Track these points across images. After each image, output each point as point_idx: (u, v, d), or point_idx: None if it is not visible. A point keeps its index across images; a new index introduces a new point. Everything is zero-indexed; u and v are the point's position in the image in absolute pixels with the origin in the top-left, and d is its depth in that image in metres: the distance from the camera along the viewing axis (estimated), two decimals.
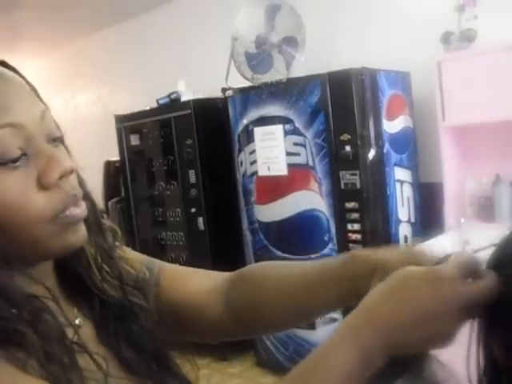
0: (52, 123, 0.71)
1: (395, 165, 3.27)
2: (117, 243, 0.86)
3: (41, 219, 0.65)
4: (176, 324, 0.88)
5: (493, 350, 0.58)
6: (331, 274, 0.83)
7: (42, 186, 0.66)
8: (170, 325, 0.85)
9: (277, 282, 0.91)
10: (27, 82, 0.72)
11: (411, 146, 3.42)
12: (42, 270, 0.72)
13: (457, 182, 3.15)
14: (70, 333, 0.69)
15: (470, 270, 0.63)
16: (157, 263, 0.94)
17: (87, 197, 0.74)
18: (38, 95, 0.72)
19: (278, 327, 1.04)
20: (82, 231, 0.71)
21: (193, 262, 4.07)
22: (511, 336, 0.56)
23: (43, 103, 0.72)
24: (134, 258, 0.89)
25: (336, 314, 3.10)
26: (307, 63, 3.48)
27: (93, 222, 0.77)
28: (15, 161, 0.64)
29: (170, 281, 0.92)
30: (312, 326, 3.22)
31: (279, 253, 3.48)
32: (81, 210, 0.70)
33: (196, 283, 0.94)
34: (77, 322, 0.76)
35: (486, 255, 0.63)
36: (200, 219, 4.14)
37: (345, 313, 0.72)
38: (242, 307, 0.91)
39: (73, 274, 0.79)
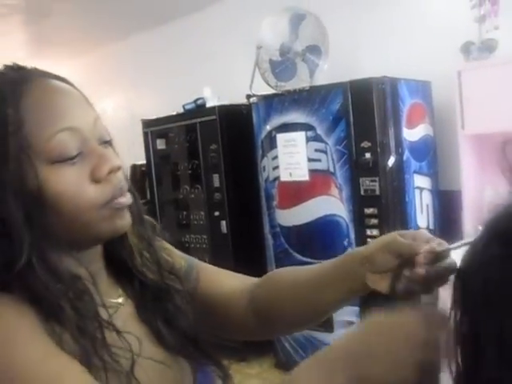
0: (103, 128, 0.83)
1: (415, 172, 3.32)
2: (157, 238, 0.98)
3: (92, 206, 0.77)
4: (206, 316, 0.98)
5: (461, 339, 0.64)
6: (334, 271, 0.92)
7: (94, 179, 0.78)
8: (201, 315, 0.95)
9: (293, 282, 0.99)
10: (81, 94, 0.84)
11: (431, 153, 3.47)
12: (92, 254, 0.84)
13: (475, 189, 3.18)
14: (105, 314, 0.79)
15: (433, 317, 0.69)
16: (196, 261, 1.06)
17: (130, 191, 0.85)
18: (90, 104, 0.84)
19: (296, 325, 1.11)
20: (127, 217, 0.82)
21: (215, 264, 4.11)
22: (476, 325, 0.62)
23: (94, 111, 0.84)
24: (173, 251, 1.02)
25: (353, 318, 3.16)
26: (330, 71, 3.54)
27: (135, 213, 0.88)
28: (73, 158, 0.76)
29: (207, 277, 1.02)
30: (330, 329, 3.28)
31: (299, 256, 3.55)
32: (126, 198, 0.81)
33: (228, 282, 1.04)
34: (120, 300, 0.87)
35: (460, 253, 0.69)
36: (223, 222, 4.23)
37: (361, 316, 0.79)
38: (264, 306, 1.00)
39: (118, 260, 0.90)
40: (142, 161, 5.03)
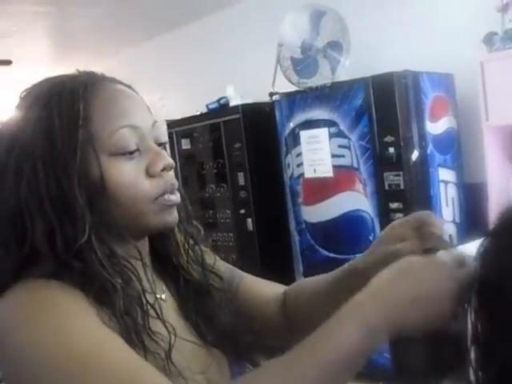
0: (159, 131, 0.91)
1: (439, 165, 3.31)
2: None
3: (146, 198, 0.84)
4: (242, 323, 1.02)
5: (477, 328, 0.66)
6: (358, 276, 0.95)
7: (149, 174, 0.85)
8: (238, 321, 1.00)
9: (319, 289, 1.04)
10: (143, 100, 0.93)
11: (455, 146, 3.45)
12: (141, 247, 0.89)
13: (501, 181, 3.16)
14: (152, 300, 0.85)
15: (459, 261, 0.73)
16: (240, 272, 1.11)
17: (180, 192, 0.92)
18: (149, 110, 0.92)
19: None
20: (175, 214, 0.89)
21: (242, 261, 4.17)
22: (492, 316, 0.64)
23: (152, 116, 0.92)
24: (218, 259, 1.07)
25: None
26: (351, 67, 3.54)
27: (184, 213, 0.96)
28: (132, 153, 0.84)
29: (247, 286, 1.08)
30: None
31: (325, 252, 3.56)
32: (176, 197, 0.89)
33: (265, 291, 1.10)
34: (163, 296, 0.93)
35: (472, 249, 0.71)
36: (249, 220, 4.26)
37: None
38: (293, 313, 1.05)
39: (164, 257, 0.97)
40: None
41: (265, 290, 1.10)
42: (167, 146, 0.95)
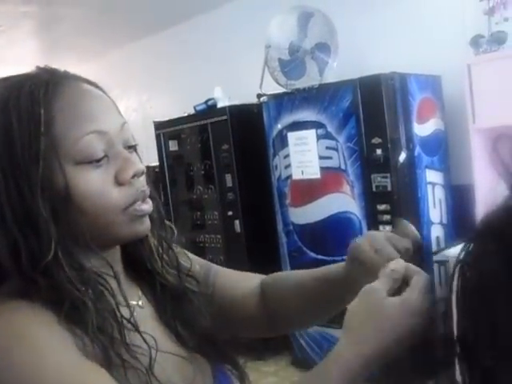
0: (129, 133, 0.85)
1: (427, 167, 3.32)
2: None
3: (115, 208, 0.80)
4: (223, 317, 1.00)
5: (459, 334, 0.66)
6: (329, 281, 0.98)
7: (118, 182, 0.80)
8: (218, 317, 0.97)
9: (294, 285, 1.04)
10: (110, 99, 0.86)
11: (442, 148, 3.46)
12: (112, 255, 0.85)
13: (488, 183, 3.17)
14: (127, 313, 0.81)
15: (397, 280, 0.77)
16: (213, 266, 1.07)
17: (152, 196, 0.87)
18: (118, 110, 0.86)
19: (305, 322, 1.18)
20: (146, 223, 0.84)
21: (230, 263, 4.13)
22: (473, 323, 0.63)
23: (122, 116, 0.86)
24: (191, 257, 1.03)
25: None
26: (339, 69, 3.55)
27: (156, 217, 0.91)
28: (99, 160, 0.78)
29: (222, 280, 1.05)
30: None
31: (313, 254, 3.56)
32: (148, 206, 0.83)
33: (241, 283, 1.08)
34: (139, 302, 0.89)
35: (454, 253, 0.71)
36: (236, 222, 4.25)
37: None
38: (271, 304, 1.04)
39: (138, 262, 0.93)
40: (155, 162, 5.05)
41: (240, 282, 1.08)
42: (143, 148, 0.89)
